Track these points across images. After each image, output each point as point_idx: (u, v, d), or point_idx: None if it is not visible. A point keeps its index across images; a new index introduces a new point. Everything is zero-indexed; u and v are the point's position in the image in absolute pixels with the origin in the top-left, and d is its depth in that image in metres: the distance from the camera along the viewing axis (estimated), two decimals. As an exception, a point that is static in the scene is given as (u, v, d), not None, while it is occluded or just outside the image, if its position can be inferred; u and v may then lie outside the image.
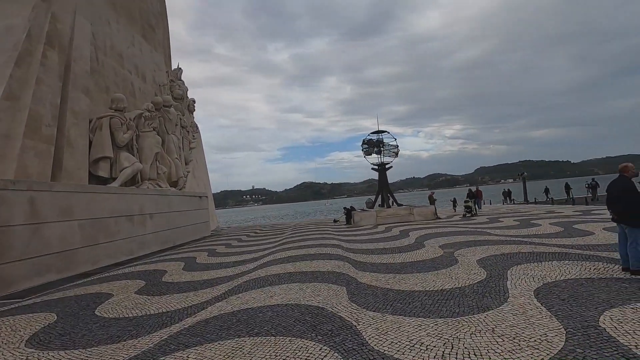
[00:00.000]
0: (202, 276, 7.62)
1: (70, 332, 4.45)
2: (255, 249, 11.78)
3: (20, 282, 7.94)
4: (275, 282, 6.20)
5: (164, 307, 5.29)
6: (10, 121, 11.40)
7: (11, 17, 13.42)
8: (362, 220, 17.59)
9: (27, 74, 12.44)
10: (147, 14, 25.30)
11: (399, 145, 19.35)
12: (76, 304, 5.89)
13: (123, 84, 19.58)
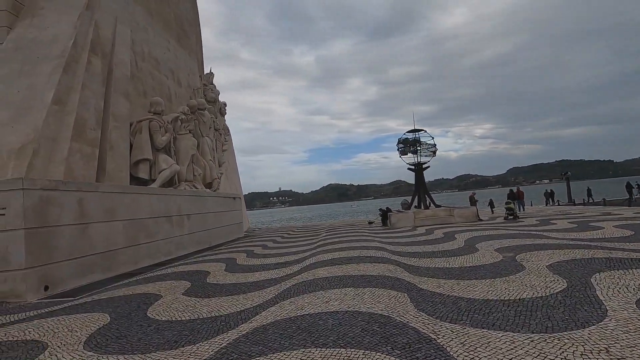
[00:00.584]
0: (247, 278, 7.42)
1: (126, 334, 4.31)
2: (293, 251, 11.54)
3: (69, 281, 8.07)
4: (326, 286, 5.87)
5: (215, 311, 5.08)
6: (59, 125, 11.77)
7: (57, 26, 13.94)
8: (399, 221, 17.00)
9: (73, 80, 12.85)
10: (181, 21, 25.91)
11: (436, 145, 18.61)
12: (127, 305, 5.82)
13: (160, 88, 20.04)
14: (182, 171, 17.03)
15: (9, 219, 7.08)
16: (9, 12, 13.98)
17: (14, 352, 4.03)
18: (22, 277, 6.97)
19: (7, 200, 7.15)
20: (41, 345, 4.17)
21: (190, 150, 18.40)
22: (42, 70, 12.49)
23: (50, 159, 11.17)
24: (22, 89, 12.02)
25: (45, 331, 4.73)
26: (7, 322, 5.48)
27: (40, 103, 11.53)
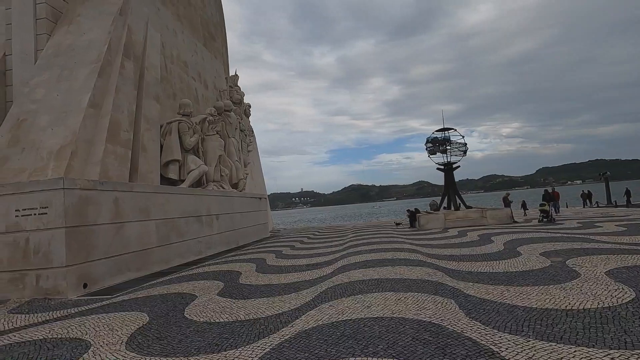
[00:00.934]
0: (280, 279, 7.30)
1: (167, 336, 4.25)
2: (322, 252, 11.37)
3: (107, 279, 8.24)
4: (364, 289, 5.64)
5: (253, 313, 4.96)
6: (94, 127, 12.10)
7: (93, 31, 14.37)
8: (429, 223, 16.50)
9: (107, 84, 13.20)
10: (207, 24, 26.34)
11: (467, 144, 17.95)
12: (163, 304, 5.82)
13: (188, 90, 20.39)
14: (209, 171, 17.23)
15: (51, 217, 7.28)
16: (48, 19, 14.54)
17: (59, 350, 4.05)
18: (63, 274, 7.14)
19: (49, 199, 7.36)
20: (84, 344, 4.18)
21: (218, 150, 18.61)
22: (79, 75, 12.90)
23: (87, 160, 11.50)
24: (61, 93, 12.45)
25: (87, 329, 4.77)
26: (51, 318, 5.59)
27: (77, 107, 11.90)
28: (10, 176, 10.47)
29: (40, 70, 13.17)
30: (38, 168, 10.71)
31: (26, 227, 7.33)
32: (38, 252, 7.24)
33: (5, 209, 7.47)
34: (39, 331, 4.89)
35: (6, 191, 7.61)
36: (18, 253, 7.29)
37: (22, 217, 7.38)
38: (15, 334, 4.85)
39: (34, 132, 11.47)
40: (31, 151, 11.02)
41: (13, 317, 5.80)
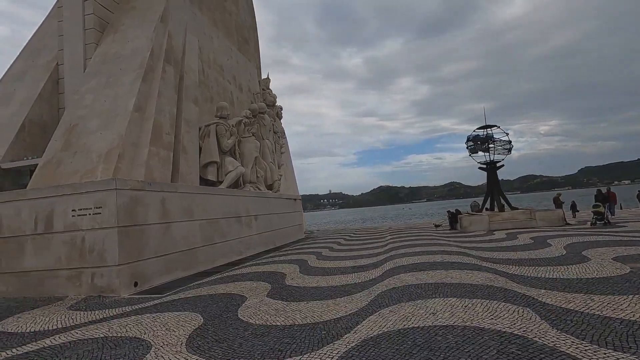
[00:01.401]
0: (328, 281, 7.08)
1: (225, 338, 4.13)
2: (364, 254, 11.05)
3: (155, 278, 8.38)
4: (423, 294, 5.30)
5: (309, 317, 4.76)
6: (139, 131, 12.46)
7: (136, 39, 14.89)
8: (472, 225, 15.73)
9: (150, 88, 13.59)
10: (241, 28, 26.79)
11: (512, 142, 16.96)
12: (215, 305, 5.76)
13: (224, 93, 20.74)
14: (246, 173, 17.39)
15: (105, 217, 7.49)
16: (95, 29, 15.21)
17: (122, 350, 4.03)
18: (116, 273, 7.31)
19: (103, 199, 7.58)
20: (145, 344, 4.15)
21: (254, 152, 18.77)
22: (124, 81, 13.37)
23: (133, 162, 11.85)
24: (108, 98, 12.95)
25: (144, 329, 4.76)
26: (108, 316, 5.67)
27: (124, 111, 12.32)
28: (65, 178, 10.98)
29: (89, 77, 13.79)
30: (88, 170, 11.16)
31: (82, 227, 7.59)
32: (93, 251, 7.47)
33: (63, 208, 7.78)
34: (98, 329, 4.95)
35: (64, 192, 7.94)
36: (75, 251, 7.56)
37: (78, 217, 7.65)
38: (77, 331, 4.94)
39: (84, 136, 11.98)
40: (82, 154, 11.50)
41: (73, 314, 5.96)
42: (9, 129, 13.47)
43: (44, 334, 4.91)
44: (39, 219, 7.87)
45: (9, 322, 5.74)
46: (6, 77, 15.51)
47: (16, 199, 8.14)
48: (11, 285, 7.86)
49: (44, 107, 14.70)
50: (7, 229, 8.03)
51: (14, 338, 4.85)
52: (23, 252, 7.85)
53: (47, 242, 7.74)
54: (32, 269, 7.76)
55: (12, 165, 12.79)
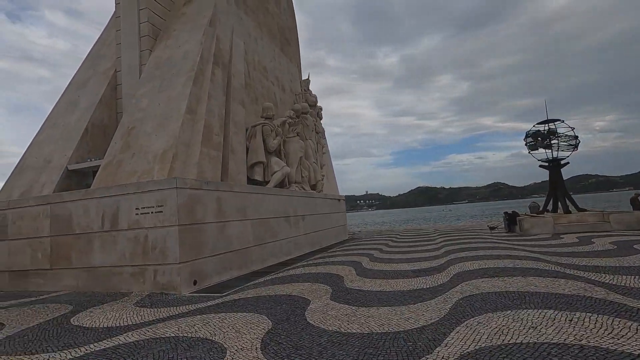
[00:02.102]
0: (392, 285, 6.66)
1: (302, 345, 3.87)
2: (419, 257, 10.47)
3: (212, 277, 8.41)
4: (509, 304, 4.73)
5: (386, 325, 4.38)
6: (191, 132, 12.73)
7: (187, 44, 15.31)
8: (534, 227, 14.50)
9: (200, 91, 13.88)
10: (283, 29, 26.98)
11: (578, 136, 15.46)
12: (278, 307, 5.56)
13: (268, 94, 20.90)
14: (291, 173, 17.34)
15: (166, 215, 7.61)
16: (150, 37, 15.82)
17: (196, 352, 3.90)
18: (177, 270, 7.39)
19: (164, 198, 7.71)
20: (218, 347, 3.99)
21: (299, 152, 18.70)
22: (177, 84, 13.76)
23: (185, 163, 12.12)
24: (162, 101, 13.38)
25: (213, 329, 4.64)
26: (174, 314, 5.66)
27: (177, 113, 12.65)
28: (124, 178, 11.44)
29: (144, 82, 14.36)
30: (145, 170, 11.55)
31: (145, 225, 7.77)
32: (155, 248, 7.61)
33: (128, 207, 8.02)
34: (167, 327, 4.91)
35: (128, 190, 8.18)
36: (138, 249, 7.76)
37: (141, 215, 7.84)
38: (147, 329, 4.92)
39: (141, 138, 12.44)
40: (139, 155, 11.94)
41: (140, 311, 6.04)
42: (75, 133, 14.35)
43: (117, 331, 4.96)
44: (105, 217, 8.18)
45: (83, 316, 5.91)
46: (71, 86, 16.62)
47: (84, 198, 8.53)
48: (81, 280, 8.24)
49: (104, 111, 15.53)
50: (78, 226, 8.44)
51: (89, 333, 4.94)
52: (91, 248, 8.20)
53: (113, 239, 8.02)
54: (99, 264, 8.08)
55: (78, 166, 13.60)
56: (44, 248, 8.68)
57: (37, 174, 13.63)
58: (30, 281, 8.78)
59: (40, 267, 8.69)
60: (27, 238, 8.93)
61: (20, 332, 5.17)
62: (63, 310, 6.37)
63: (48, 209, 8.82)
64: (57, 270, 8.51)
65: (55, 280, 8.50)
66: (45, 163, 13.93)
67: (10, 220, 9.22)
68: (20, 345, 4.59)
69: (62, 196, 8.84)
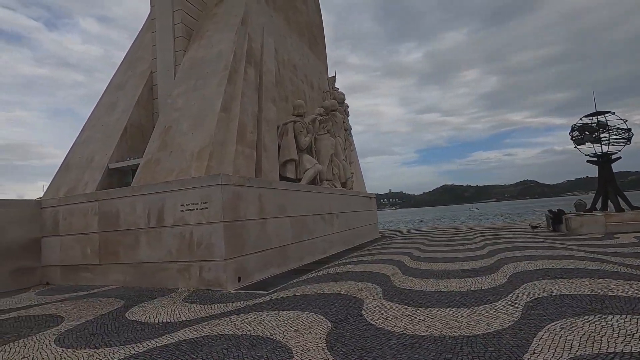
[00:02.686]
0: (445, 285, 6.34)
1: (373, 347, 3.67)
2: (463, 256, 10.03)
3: (255, 274, 8.37)
4: (588, 308, 4.34)
5: (456, 328, 4.10)
6: (226, 130, 12.80)
7: (220, 43, 15.43)
8: (584, 226, 13.64)
9: (234, 89, 13.95)
10: (310, 27, 26.85)
11: (631, 129, 14.39)
12: (332, 306, 5.39)
13: (297, 92, 20.83)
14: (323, 170, 17.19)
15: (211, 212, 7.61)
16: (184, 37, 16.06)
17: (260, 351, 3.79)
18: (223, 267, 7.38)
19: (209, 195, 7.71)
20: (282, 347, 3.86)
21: (330, 149, 18.52)
22: (211, 83, 13.88)
23: (221, 161, 12.19)
24: (197, 101, 13.53)
25: (271, 328, 4.52)
26: (226, 311, 5.61)
27: (211, 112, 12.75)
28: (163, 176, 11.64)
29: (179, 82, 14.59)
30: (183, 168, 11.70)
31: (190, 221, 7.81)
32: (201, 245, 7.63)
33: (173, 203, 8.09)
34: (222, 324, 4.85)
35: (173, 187, 8.26)
36: (184, 245, 7.81)
37: (186, 212, 7.89)
38: (203, 325, 4.88)
39: (178, 137, 12.62)
40: (177, 154, 12.11)
41: (191, 307, 6.03)
42: (114, 133, 14.79)
43: (173, 327, 4.94)
44: (151, 213, 8.30)
45: (136, 311, 5.97)
46: (109, 88, 17.16)
47: (131, 195, 8.70)
48: (129, 275, 8.41)
49: (142, 112, 15.91)
50: (125, 223, 8.62)
51: (147, 328, 4.95)
52: (138, 244, 8.35)
53: (159, 236, 8.12)
54: (146, 260, 8.21)
55: (118, 165, 14.00)
56: (93, 244, 8.94)
57: (81, 173, 14.15)
58: (81, 275, 9.07)
59: (90, 262, 8.96)
60: (77, 234, 9.23)
61: (79, 326, 5.27)
62: (116, 305, 6.48)
63: (96, 205, 9.07)
64: (106, 266, 8.74)
65: (104, 275, 8.74)
66: (87, 162, 14.45)
67: (61, 217, 9.56)
68: (83, 338, 4.65)
69: (109, 193, 9.07)
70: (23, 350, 4.31)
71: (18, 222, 9.25)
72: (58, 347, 4.36)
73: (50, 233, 9.67)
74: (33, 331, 5.13)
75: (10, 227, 9.05)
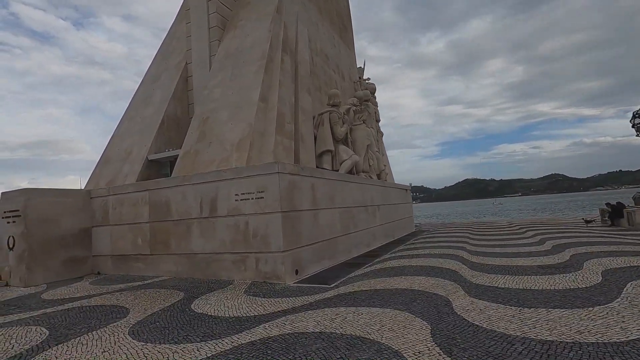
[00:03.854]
0: (534, 283, 5.74)
1: (497, 353, 3.19)
2: (526, 251, 9.32)
3: (309, 266, 8.00)
4: None
5: (586, 333, 3.56)
6: (264, 120, 12.48)
7: (255, 32, 15.06)
8: (650, 221, 12.60)
9: (271, 79, 13.58)
10: (341, 16, 26.18)
11: None
12: (415, 303, 4.93)
13: (329, 82, 20.29)
14: (359, 161, 16.68)
15: (268, 201, 7.27)
16: (218, 27, 15.79)
17: (364, 353, 3.38)
18: (281, 259, 7.04)
19: (265, 184, 7.36)
20: (386, 348, 3.44)
21: (366, 140, 17.98)
22: (248, 72, 13.55)
23: (261, 151, 11.88)
24: (234, 90, 13.25)
25: (359, 326, 4.12)
26: (296, 306, 5.25)
27: (249, 101, 12.44)
28: (203, 166, 11.45)
29: (215, 72, 14.35)
30: (224, 158, 11.48)
31: (245, 211, 7.51)
32: (257, 236, 7.32)
33: (226, 193, 7.80)
34: (302, 320, 4.49)
35: (226, 176, 7.97)
36: (239, 236, 7.53)
37: (241, 201, 7.59)
38: (281, 321, 4.53)
39: (216, 128, 12.40)
40: (216, 144, 11.89)
41: (256, 300, 5.72)
42: (152, 125, 14.76)
43: (249, 322, 4.62)
44: (203, 203, 8.06)
45: (200, 303, 5.71)
46: (145, 81, 17.15)
47: (181, 184, 8.49)
48: (181, 266, 8.23)
49: (177, 103, 15.83)
50: (176, 212, 8.43)
51: (221, 322, 4.65)
52: (190, 234, 8.14)
53: (212, 226, 7.88)
54: (199, 251, 8.00)
55: (157, 157, 13.96)
56: (144, 233, 8.82)
57: (120, 165, 14.22)
58: (131, 265, 8.99)
59: (141, 252, 8.85)
60: (128, 224, 9.15)
61: (147, 318, 5.04)
62: (176, 297, 6.26)
63: (147, 195, 8.93)
64: (157, 256, 8.60)
65: (155, 265, 8.61)
66: (126, 154, 14.50)
67: (110, 207, 9.51)
68: (157, 332, 4.40)
69: (159, 183, 8.90)
70: (100, 344, 4.10)
71: (71, 212, 9.25)
72: (136, 341, 4.12)
73: (100, 223, 9.64)
74: (102, 323, 4.94)
75: (65, 217, 9.06)
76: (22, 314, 5.76)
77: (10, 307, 6.33)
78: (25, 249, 8.21)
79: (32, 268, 8.25)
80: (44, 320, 5.22)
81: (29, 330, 4.80)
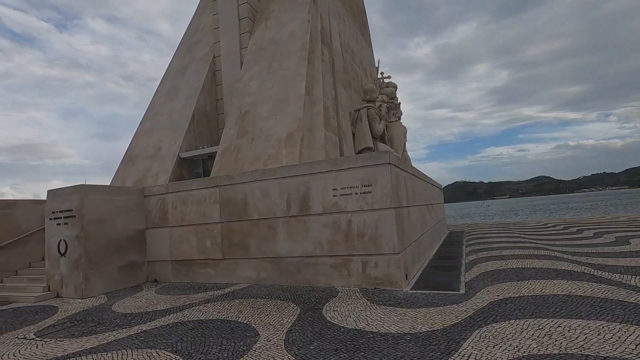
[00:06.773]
0: None
1: None
2: (626, 251, 8.68)
3: (411, 270, 7.13)
4: None
5: None
6: (310, 114, 11.66)
7: (292, 22, 14.24)
8: None
9: (314, 71, 12.77)
10: (360, 12, 25.61)
11: None
12: (616, 310, 4.15)
13: (356, 79, 19.59)
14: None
15: (377, 197, 6.37)
16: (249, 18, 14.91)
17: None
18: (396, 262, 6.15)
19: (372, 176, 6.46)
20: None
21: (403, 137, 17.34)
22: (289, 64, 12.71)
23: (310, 146, 11.05)
24: (275, 83, 12.38)
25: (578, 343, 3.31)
26: (459, 320, 4.39)
27: (295, 94, 11.61)
28: (247, 164, 10.53)
29: (250, 65, 13.45)
30: (271, 155, 10.58)
31: (346, 208, 6.59)
32: (363, 236, 6.41)
33: (321, 188, 6.87)
34: (502, 335, 3.65)
35: (319, 169, 7.02)
36: (339, 236, 6.60)
37: (340, 197, 6.68)
38: (478, 339, 3.69)
39: (258, 122, 11.51)
40: (260, 140, 11.00)
41: (400, 311, 4.84)
42: (181, 120, 13.75)
43: (433, 339, 3.75)
44: (291, 200, 7.12)
45: (335, 316, 4.80)
46: (168, 74, 16.09)
47: (262, 179, 7.53)
48: (263, 272, 7.25)
49: (207, 98, 14.87)
50: (255, 211, 7.45)
51: (399, 341, 3.77)
52: (275, 236, 7.18)
53: (304, 225, 6.93)
54: (286, 254, 7.04)
55: (190, 154, 12.96)
56: (214, 235, 7.81)
57: (149, 163, 13.15)
58: (198, 272, 7.96)
59: (210, 256, 7.83)
60: (192, 224, 8.11)
61: (289, 337, 4.12)
62: (289, 308, 5.32)
63: (216, 192, 7.93)
64: (232, 261, 7.60)
65: (229, 271, 7.60)
66: (155, 151, 13.43)
67: (170, 206, 8.46)
68: (332, 356, 3.49)
69: (232, 177, 7.91)
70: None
71: (125, 212, 8.17)
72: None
73: (156, 224, 8.57)
74: (236, 343, 4.00)
75: (119, 217, 7.98)
76: (112, 332, 4.76)
77: (88, 324, 5.30)
78: (81, 255, 7.12)
79: (90, 276, 7.16)
80: (154, 341, 4.26)
81: (149, 354, 3.83)
